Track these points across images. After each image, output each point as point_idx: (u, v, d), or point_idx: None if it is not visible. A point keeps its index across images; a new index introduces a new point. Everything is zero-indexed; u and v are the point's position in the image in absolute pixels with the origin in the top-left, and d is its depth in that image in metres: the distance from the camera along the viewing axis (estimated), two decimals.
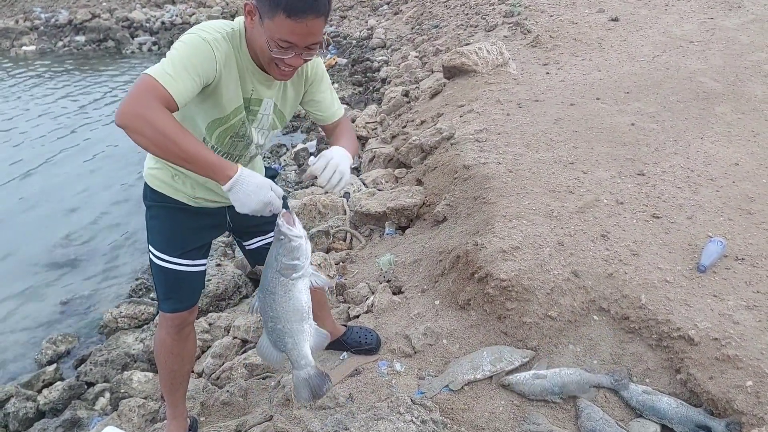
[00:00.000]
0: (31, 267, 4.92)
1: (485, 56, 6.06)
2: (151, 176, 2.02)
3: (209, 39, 1.63)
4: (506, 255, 2.77)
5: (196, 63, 1.59)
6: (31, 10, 16.53)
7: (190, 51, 1.60)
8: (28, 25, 15.28)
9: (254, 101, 1.84)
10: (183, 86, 1.56)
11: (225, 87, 1.72)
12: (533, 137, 4.17)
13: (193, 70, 1.58)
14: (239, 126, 1.85)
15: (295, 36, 1.59)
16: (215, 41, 1.64)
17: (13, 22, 15.33)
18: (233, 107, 1.78)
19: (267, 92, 1.85)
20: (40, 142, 7.96)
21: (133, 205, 5.97)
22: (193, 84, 1.59)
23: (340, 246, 3.98)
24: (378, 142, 5.93)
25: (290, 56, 1.64)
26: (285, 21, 1.56)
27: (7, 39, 14.67)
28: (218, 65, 1.65)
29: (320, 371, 1.80)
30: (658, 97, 4.91)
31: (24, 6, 17.05)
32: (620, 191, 3.38)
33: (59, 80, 11.43)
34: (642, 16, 7.75)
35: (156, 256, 2.05)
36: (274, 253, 1.62)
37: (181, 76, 1.56)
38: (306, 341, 1.72)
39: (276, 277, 1.62)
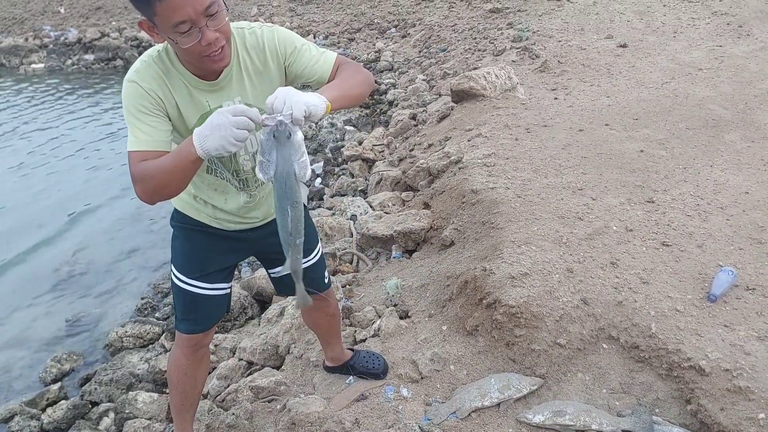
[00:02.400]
0: (37, 284, 4.92)
1: (493, 80, 6.09)
2: (176, 198, 2.03)
3: (133, 78, 1.65)
4: (515, 281, 2.75)
5: (137, 106, 1.63)
6: (41, 28, 16.75)
7: (129, 102, 1.64)
8: (37, 43, 15.46)
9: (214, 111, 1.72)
10: (144, 134, 1.62)
11: (174, 107, 1.70)
12: (542, 162, 4.18)
13: (142, 113, 1.63)
14: None
15: (182, 11, 1.46)
16: (137, 75, 1.65)
17: (22, 40, 15.52)
18: (194, 120, 1.74)
19: (222, 96, 1.75)
20: (48, 158, 8.01)
21: (141, 223, 6.00)
22: (151, 122, 1.63)
23: (347, 269, 3.97)
24: (385, 165, 5.95)
25: (199, 36, 1.52)
26: (162, 6, 1.45)
27: (16, 57, 14.85)
28: (151, 93, 1.65)
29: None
30: (667, 123, 4.92)
31: (34, 24, 17.29)
32: (630, 218, 3.37)
33: (68, 98, 11.55)
34: (650, 43, 7.80)
35: (176, 276, 2.07)
36: (287, 157, 1.48)
37: (139, 128, 1.62)
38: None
39: (296, 184, 1.52)
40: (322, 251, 2.35)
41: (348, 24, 14.55)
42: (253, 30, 1.79)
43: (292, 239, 1.63)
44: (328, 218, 4.59)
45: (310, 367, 2.92)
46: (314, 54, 1.82)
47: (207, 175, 1.92)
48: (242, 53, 1.77)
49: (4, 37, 15.98)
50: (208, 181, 1.93)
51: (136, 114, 1.62)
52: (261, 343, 3.20)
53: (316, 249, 2.29)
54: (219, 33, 1.56)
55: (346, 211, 4.79)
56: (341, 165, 6.84)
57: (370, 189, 5.58)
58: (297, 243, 1.65)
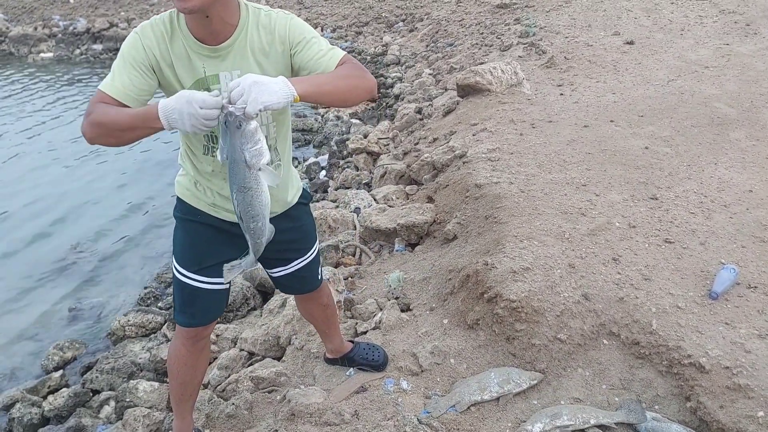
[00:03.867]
0: (42, 272, 4.95)
1: (499, 76, 6.08)
2: (177, 184, 2.07)
3: (137, 30, 1.73)
4: (516, 276, 2.75)
5: (128, 56, 1.70)
6: (50, 17, 16.79)
7: (124, 48, 1.72)
8: (46, 33, 15.50)
9: (211, 78, 1.75)
10: (120, 82, 1.67)
11: (170, 67, 1.73)
12: (546, 158, 4.17)
13: (130, 64, 1.69)
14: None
15: None
16: (142, 31, 1.72)
17: (32, 29, 15.56)
18: (189, 84, 1.74)
19: (221, 65, 1.75)
20: (54, 147, 8.05)
21: (145, 213, 6.02)
22: (132, 76, 1.68)
23: (349, 261, 3.98)
24: (390, 158, 5.95)
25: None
26: None
27: (25, 45, 14.89)
28: (147, 52, 1.70)
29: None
30: (672, 121, 4.90)
31: (43, 13, 17.33)
32: (633, 215, 3.37)
33: (75, 86, 11.58)
34: (657, 40, 7.76)
35: (176, 268, 2.08)
36: (236, 145, 1.54)
37: (119, 75, 1.68)
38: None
39: (246, 171, 1.59)
40: (318, 250, 2.35)
41: (356, 17, 14.52)
42: (269, 12, 1.81)
43: (244, 224, 1.72)
44: (331, 211, 4.60)
45: (310, 358, 2.92)
46: (322, 48, 1.80)
47: (204, 156, 1.91)
48: (251, 29, 1.77)
49: (13, 26, 16.01)
50: (206, 162, 1.92)
51: (123, 61, 1.70)
52: (262, 334, 3.21)
53: (313, 247, 2.29)
54: None
55: (350, 204, 4.79)
56: (346, 158, 6.84)
57: (374, 182, 5.58)
58: (251, 227, 1.72)
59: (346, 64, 1.77)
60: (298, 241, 2.22)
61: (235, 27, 1.74)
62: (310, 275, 2.33)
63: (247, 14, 1.77)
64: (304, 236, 2.25)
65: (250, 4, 1.80)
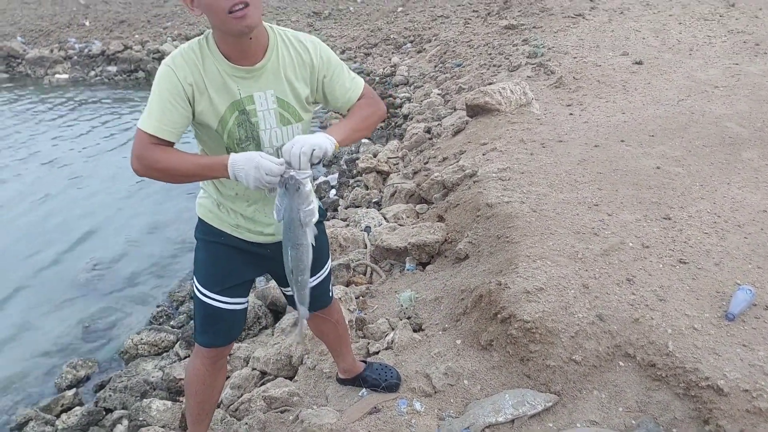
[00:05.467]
0: (56, 291, 4.98)
1: (509, 96, 6.11)
2: (199, 205, 2.10)
3: (168, 63, 1.75)
4: (530, 296, 2.74)
5: (164, 90, 1.72)
6: (66, 40, 17.02)
7: (158, 84, 1.74)
8: (62, 55, 15.71)
9: (246, 100, 1.80)
10: (159, 119, 1.72)
11: (205, 93, 1.77)
12: (557, 177, 4.17)
13: (167, 99, 1.72)
14: (239, 127, 1.82)
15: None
16: (173, 62, 1.75)
17: (48, 52, 15.78)
18: (224, 108, 1.79)
19: (255, 85, 1.81)
20: (70, 167, 8.12)
21: (160, 232, 6.05)
22: (170, 111, 1.73)
23: (360, 280, 3.98)
24: (400, 178, 5.97)
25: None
26: None
27: (41, 67, 15.11)
28: (183, 81, 1.73)
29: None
30: (684, 141, 4.89)
31: (59, 36, 17.57)
32: (646, 235, 3.36)
33: (90, 107, 11.71)
34: (666, 60, 7.78)
35: (198, 289, 2.10)
36: (294, 205, 1.70)
37: (157, 111, 1.72)
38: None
39: (300, 229, 1.74)
40: (330, 268, 2.39)
41: (365, 39, 14.66)
42: (296, 34, 1.90)
43: (293, 277, 1.85)
44: (342, 229, 4.61)
45: (323, 378, 2.92)
46: (347, 84, 1.97)
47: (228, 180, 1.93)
48: (282, 50, 1.84)
49: (30, 49, 16.24)
50: (229, 185, 1.97)
51: (159, 96, 1.73)
52: (274, 353, 3.21)
53: (326, 266, 2.32)
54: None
55: (360, 223, 4.80)
56: (356, 177, 6.87)
57: (384, 201, 5.60)
58: (298, 280, 1.85)
59: (365, 99, 2.00)
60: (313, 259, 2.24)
61: (266, 48, 1.81)
62: (322, 293, 2.35)
63: (274, 36, 1.84)
64: (319, 254, 2.26)
65: (273, 26, 1.87)
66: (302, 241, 1.77)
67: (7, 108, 11.71)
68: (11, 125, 10.36)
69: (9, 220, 6.42)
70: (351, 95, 1.97)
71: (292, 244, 1.78)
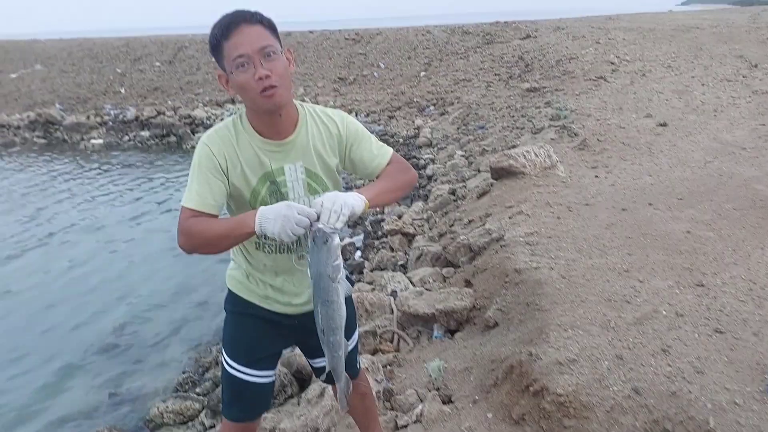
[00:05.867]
0: (82, 355, 5.01)
1: (533, 159, 6.15)
2: (229, 277, 2.14)
3: (205, 141, 1.87)
4: (562, 367, 2.68)
5: (202, 166, 1.83)
6: (102, 106, 17.81)
7: (197, 161, 1.84)
8: (98, 121, 16.43)
9: (276, 172, 1.90)
10: (199, 194, 1.80)
11: (238, 167, 1.86)
12: (585, 242, 4.14)
13: (205, 173, 1.82)
14: (270, 196, 1.90)
15: (241, 47, 1.71)
16: (209, 140, 1.86)
17: (84, 118, 16.52)
18: (256, 180, 1.88)
19: (286, 158, 1.90)
20: (102, 230, 8.34)
21: (186, 296, 6.11)
22: (209, 184, 1.81)
23: (387, 348, 3.93)
24: (425, 240, 5.98)
25: (252, 70, 1.72)
26: (228, 44, 1.73)
27: (78, 133, 15.78)
28: (218, 158, 1.83)
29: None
30: (713, 204, 4.84)
31: (96, 103, 18.38)
32: (679, 302, 3.28)
33: (123, 171, 12.12)
34: (691, 122, 7.80)
35: (226, 361, 2.11)
36: (322, 260, 1.68)
37: (197, 186, 1.81)
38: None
39: (330, 284, 1.71)
40: (358, 339, 2.38)
41: (388, 102, 15.03)
42: (324, 110, 2.00)
43: (325, 337, 1.80)
44: (368, 294, 4.59)
45: None
46: (374, 151, 2.01)
47: (257, 251, 2.01)
48: (311, 125, 1.94)
49: (68, 115, 17.01)
50: (258, 257, 2.01)
51: (198, 172, 1.82)
52: (301, 425, 3.15)
53: (353, 336, 2.32)
54: (271, 72, 1.73)
55: (387, 287, 4.79)
56: (381, 238, 6.90)
57: (410, 264, 5.59)
58: (330, 340, 1.80)
59: (394, 164, 2.02)
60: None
61: (296, 123, 1.91)
62: (349, 364, 2.33)
63: (304, 112, 1.94)
64: (347, 324, 2.26)
65: (303, 103, 1.97)
66: (333, 297, 1.73)
67: (45, 172, 12.15)
68: (47, 189, 10.73)
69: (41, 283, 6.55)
70: (380, 161, 2.02)
71: (322, 301, 1.74)
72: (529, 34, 17.48)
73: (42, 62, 22.29)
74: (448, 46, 18.19)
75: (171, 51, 21.70)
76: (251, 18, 1.74)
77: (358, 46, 19.51)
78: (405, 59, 17.90)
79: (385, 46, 19.15)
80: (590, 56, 12.88)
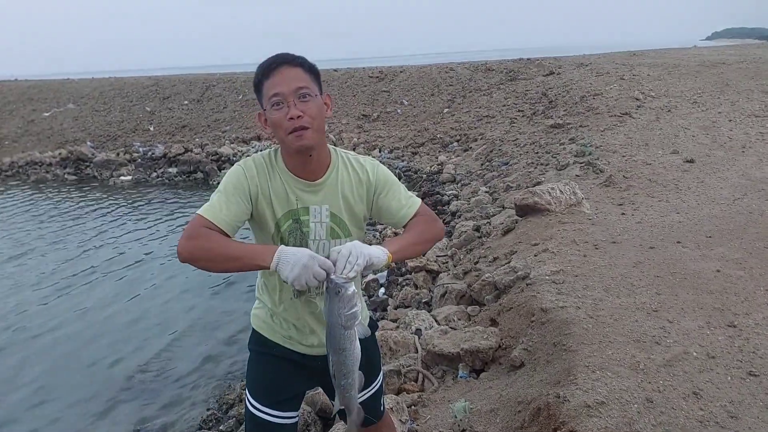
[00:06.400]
0: (107, 390, 5.04)
1: (558, 196, 6.13)
2: (253, 316, 2.16)
3: (241, 164, 1.92)
4: (591, 411, 2.63)
5: (231, 185, 1.86)
6: (131, 144, 18.29)
7: (227, 179, 1.88)
8: (127, 158, 16.86)
9: (301, 210, 1.93)
10: (220, 210, 1.81)
11: (267, 199, 1.90)
12: (613, 281, 4.09)
13: (232, 193, 1.84)
14: (290, 235, 1.93)
15: (278, 86, 1.78)
16: (245, 164, 1.91)
17: (114, 155, 16.98)
18: (280, 215, 1.91)
19: (313, 199, 1.93)
20: (128, 266, 8.45)
21: (210, 332, 6.14)
22: (232, 204, 1.83)
23: (412, 387, 3.89)
24: (450, 277, 5.95)
25: (285, 110, 1.78)
26: (267, 82, 1.81)
27: (107, 169, 16.19)
28: (249, 182, 1.87)
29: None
30: (743, 242, 4.76)
31: (125, 140, 18.89)
32: (710, 344, 3.21)
33: (150, 207, 12.34)
34: (718, 158, 7.72)
35: (249, 401, 2.11)
36: (334, 310, 1.68)
37: (219, 202, 1.82)
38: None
39: (342, 333, 1.71)
40: (382, 381, 2.36)
41: (412, 139, 15.15)
42: (357, 157, 2.04)
43: (336, 381, 1.81)
44: (392, 332, 4.57)
45: None
46: (402, 201, 2.02)
47: (280, 293, 2.03)
48: (341, 170, 1.98)
49: (98, 153, 17.50)
50: (283, 297, 2.03)
51: (225, 189, 1.86)
52: None
53: (378, 378, 2.31)
54: (304, 113, 1.79)
55: (411, 325, 4.76)
56: (405, 275, 6.87)
57: (434, 302, 5.55)
58: (342, 384, 1.81)
59: (422, 216, 2.02)
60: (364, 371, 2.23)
61: (328, 166, 1.95)
62: (374, 406, 2.32)
63: (336, 157, 1.99)
64: (371, 368, 2.25)
65: (337, 148, 2.02)
66: (344, 345, 1.73)
67: (75, 209, 12.44)
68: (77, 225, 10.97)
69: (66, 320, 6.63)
70: (407, 211, 2.02)
71: (333, 349, 1.75)
72: (552, 71, 17.57)
73: (74, 101, 23.01)
74: (472, 83, 18.36)
75: (199, 90, 22.27)
76: (293, 60, 1.82)
77: (381, 84, 19.80)
78: (428, 96, 18.09)
79: (409, 83, 19.39)
80: (615, 92, 12.88)
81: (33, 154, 18.24)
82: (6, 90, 25.48)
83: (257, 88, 1.86)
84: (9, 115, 22.73)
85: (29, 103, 23.62)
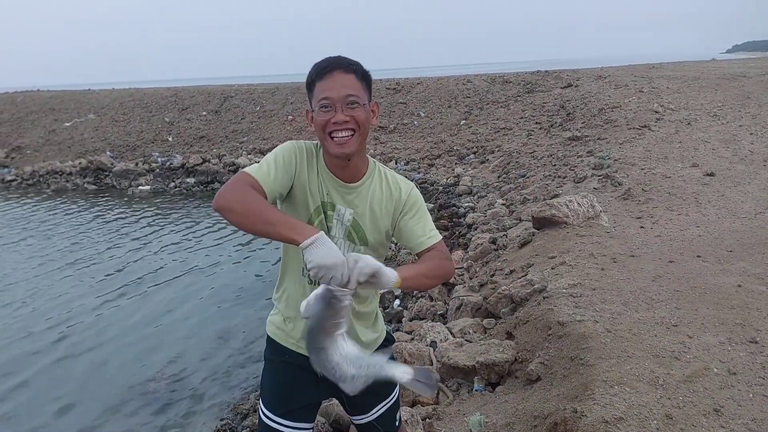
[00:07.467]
0: (122, 399, 5.06)
1: (575, 208, 6.09)
2: (269, 323, 2.17)
3: (294, 142, 1.97)
4: (609, 426, 2.58)
5: (281, 156, 1.90)
6: (150, 154, 18.53)
7: (280, 149, 1.93)
8: (145, 168, 17.07)
9: (328, 205, 1.96)
10: (269, 173, 1.84)
11: (305, 182, 1.93)
12: (631, 295, 4.04)
13: (280, 163, 1.88)
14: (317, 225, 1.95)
15: (328, 91, 1.80)
16: (298, 144, 1.96)
17: (133, 165, 17.20)
18: (314, 207, 1.95)
19: (341, 200, 1.96)
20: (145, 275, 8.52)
21: (225, 341, 6.17)
22: (279, 173, 1.86)
23: (427, 400, 3.86)
24: (465, 290, 5.91)
25: (332, 114, 1.80)
26: (319, 84, 1.83)
27: (126, 179, 16.41)
28: (298, 159, 1.92)
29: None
30: (765, 257, 4.68)
31: (144, 150, 19.13)
32: (731, 360, 3.15)
33: (168, 216, 12.46)
34: (739, 171, 7.62)
35: (263, 411, 2.11)
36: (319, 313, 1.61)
37: (269, 167, 1.86)
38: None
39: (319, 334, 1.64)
40: (399, 394, 2.35)
41: (428, 151, 15.15)
42: (394, 174, 2.07)
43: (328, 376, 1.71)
44: (407, 344, 4.54)
45: None
46: (425, 229, 2.01)
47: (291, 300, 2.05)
48: (376, 181, 2.01)
49: (117, 162, 17.75)
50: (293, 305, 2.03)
51: (275, 158, 1.89)
52: None
53: (394, 391, 2.29)
54: (350, 119, 1.82)
55: (426, 337, 4.73)
56: None
57: (449, 314, 5.52)
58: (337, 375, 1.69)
59: (437, 252, 1.99)
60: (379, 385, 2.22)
61: (364, 174, 1.99)
62: (390, 419, 2.30)
63: (374, 167, 2.03)
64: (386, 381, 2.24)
65: (377, 162, 2.07)
66: (324, 344, 1.66)
67: (94, 218, 12.60)
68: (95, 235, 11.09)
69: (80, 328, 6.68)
70: (426, 240, 1.99)
71: (313, 348, 1.67)
72: (570, 83, 17.51)
73: (95, 111, 23.37)
74: (489, 95, 18.35)
75: (217, 101, 22.51)
76: (347, 66, 1.84)
77: (398, 95, 19.86)
78: (445, 108, 18.11)
79: (426, 95, 19.44)
80: (633, 105, 12.80)
81: (54, 163, 18.55)
82: (29, 100, 25.98)
83: (309, 87, 1.88)
84: (31, 125, 23.15)
85: (51, 113, 24.05)
